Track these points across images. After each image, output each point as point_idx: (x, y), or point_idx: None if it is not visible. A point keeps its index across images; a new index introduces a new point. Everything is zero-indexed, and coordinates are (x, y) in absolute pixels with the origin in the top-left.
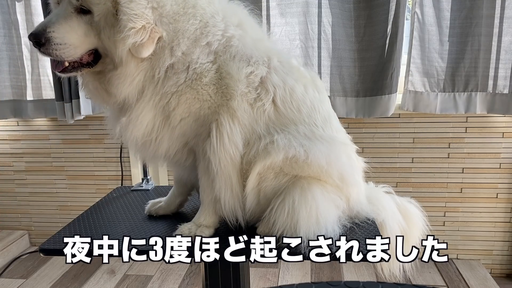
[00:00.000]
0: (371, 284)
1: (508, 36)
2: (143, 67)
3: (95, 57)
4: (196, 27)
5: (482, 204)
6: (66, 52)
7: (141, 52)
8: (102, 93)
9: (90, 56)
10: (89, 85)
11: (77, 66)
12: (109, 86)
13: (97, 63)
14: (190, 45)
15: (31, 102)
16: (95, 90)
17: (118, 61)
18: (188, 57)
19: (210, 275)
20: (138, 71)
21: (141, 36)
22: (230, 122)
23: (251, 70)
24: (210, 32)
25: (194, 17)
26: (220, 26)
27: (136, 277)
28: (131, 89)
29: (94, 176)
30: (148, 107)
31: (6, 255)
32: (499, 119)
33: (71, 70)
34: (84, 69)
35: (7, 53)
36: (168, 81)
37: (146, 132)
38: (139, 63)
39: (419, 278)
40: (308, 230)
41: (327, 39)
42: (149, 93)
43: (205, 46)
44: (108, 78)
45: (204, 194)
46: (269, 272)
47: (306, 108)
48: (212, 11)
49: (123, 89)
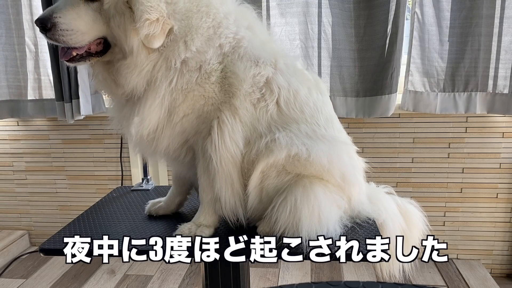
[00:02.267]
0: (371, 284)
1: (508, 36)
2: (152, 58)
3: (104, 46)
4: (209, 25)
5: (482, 204)
6: (74, 38)
7: (153, 43)
8: (111, 83)
9: (99, 45)
10: (99, 76)
11: (85, 55)
12: (117, 76)
13: (106, 53)
14: (204, 43)
15: (31, 102)
16: (104, 81)
17: (128, 50)
18: (202, 56)
19: (210, 275)
20: (147, 61)
21: (155, 28)
22: (231, 119)
23: (259, 71)
24: (223, 34)
25: (207, 15)
26: (232, 28)
27: (136, 277)
28: (139, 79)
29: (94, 176)
30: (159, 104)
31: (6, 255)
32: (499, 119)
33: (79, 59)
34: (93, 58)
35: (4, 53)
36: (182, 78)
37: (152, 129)
38: (149, 54)
39: (419, 278)
40: (310, 229)
41: (327, 39)
42: (163, 89)
43: (218, 48)
44: (117, 68)
45: (203, 193)
46: (269, 272)
47: (309, 109)
48: (225, 11)
49: (131, 79)
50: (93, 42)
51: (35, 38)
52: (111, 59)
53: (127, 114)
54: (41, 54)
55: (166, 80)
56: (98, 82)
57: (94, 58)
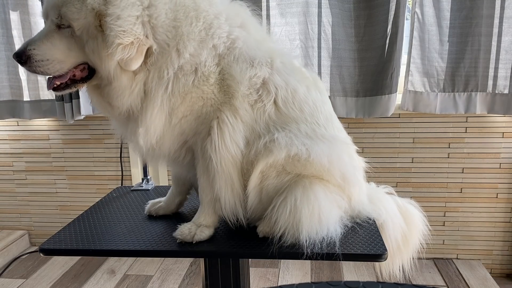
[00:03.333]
0: (371, 284)
1: (508, 36)
2: (140, 78)
3: (89, 72)
4: (200, 28)
5: (482, 204)
6: (51, 67)
7: (130, 65)
8: (106, 105)
9: (83, 71)
10: (93, 100)
11: (70, 83)
12: (109, 99)
13: (91, 78)
14: (197, 47)
15: (28, 103)
16: (99, 104)
17: (106, 75)
18: (197, 59)
19: (210, 275)
20: (135, 82)
21: (129, 52)
22: (232, 119)
23: (255, 72)
24: (215, 34)
25: (197, 19)
26: (225, 28)
27: (136, 277)
28: (131, 100)
29: (94, 176)
30: (160, 111)
31: (6, 255)
32: (499, 119)
33: (64, 88)
34: (79, 85)
35: (6, 53)
36: (178, 83)
37: (159, 136)
38: (135, 74)
39: (419, 278)
40: (310, 229)
41: (327, 39)
42: (160, 96)
43: (212, 49)
44: (107, 92)
45: (203, 194)
46: (269, 272)
47: (308, 108)
48: (215, 12)
49: (123, 101)
50: (77, 69)
51: None
52: (99, 83)
53: (133, 129)
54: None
55: (161, 88)
56: (94, 104)
57: (80, 84)
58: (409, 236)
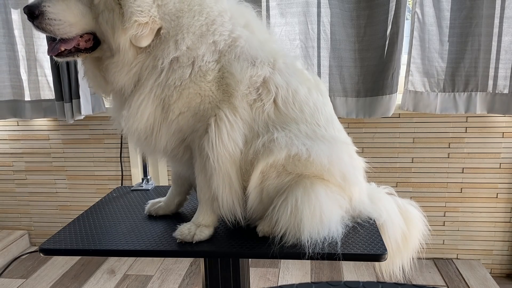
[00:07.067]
0: (371, 284)
1: (508, 36)
2: (141, 58)
3: (94, 43)
4: (202, 23)
5: (482, 204)
6: (61, 28)
7: (141, 42)
8: (101, 80)
9: (88, 42)
10: (89, 72)
11: (74, 51)
12: (106, 73)
13: (95, 50)
14: (196, 40)
15: (29, 103)
16: (94, 78)
17: (115, 47)
18: (194, 52)
19: (210, 275)
20: (136, 61)
21: (143, 30)
22: (231, 116)
23: (256, 72)
24: (217, 31)
25: (200, 13)
26: (228, 26)
27: (136, 277)
28: (127, 79)
29: (94, 176)
30: (148, 99)
31: (6, 255)
32: (499, 119)
33: (67, 54)
34: (82, 54)
35: (7, 53)
36: (173, 74)
37: (148, 125)
38: (138, 53)
39: (419, 278)
40: (312, 229)
41: (327, 39)
42: (150, 84)
43: (211, 44)
44: (106, 65)
45: (201, 193)
46: (269, 272)
47: (309, 109)
48: (220, 9)
49: (120, 78)
50: (82, 39)
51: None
52: (101, 55)
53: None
54: (37, 54)
55: (153, 76)
56: (88, 78)
57: (83, 54)
58: (409, 236)
